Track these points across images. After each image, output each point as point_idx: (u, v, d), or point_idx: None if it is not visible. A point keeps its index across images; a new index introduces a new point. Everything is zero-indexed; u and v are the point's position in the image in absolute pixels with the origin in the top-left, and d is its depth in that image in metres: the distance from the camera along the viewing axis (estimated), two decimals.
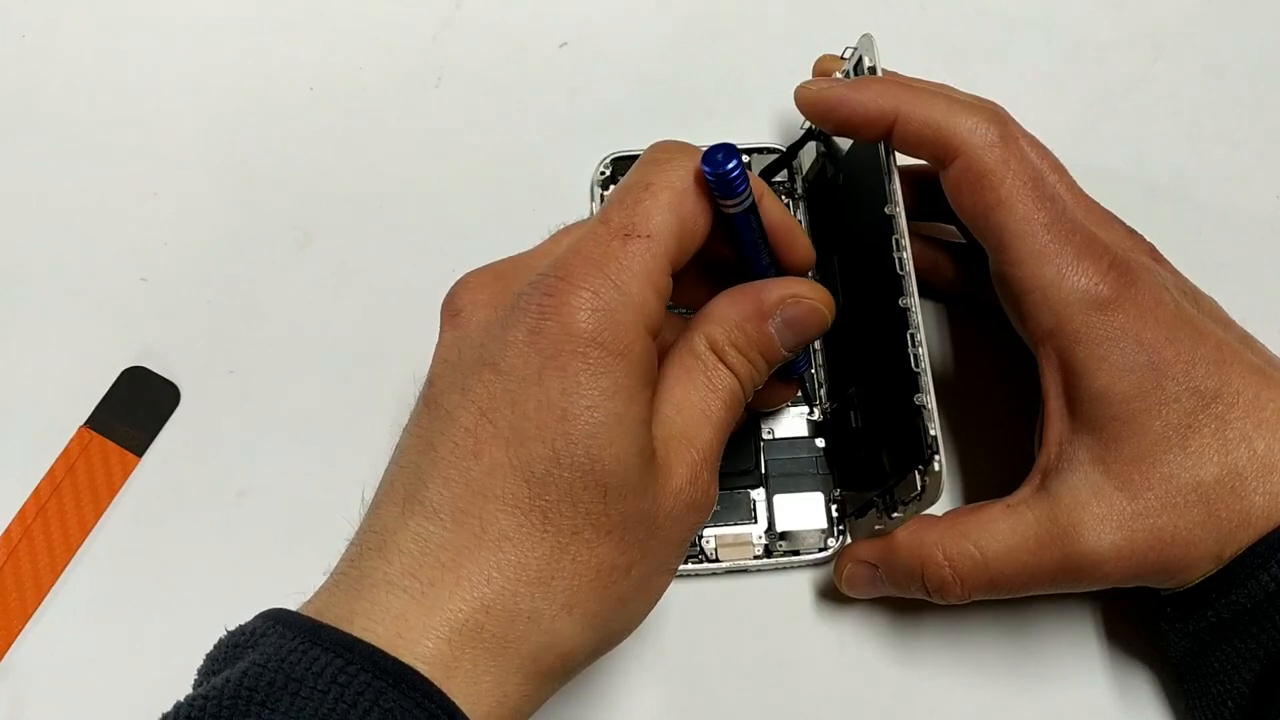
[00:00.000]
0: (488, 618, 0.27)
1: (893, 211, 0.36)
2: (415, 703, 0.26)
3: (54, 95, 0.47)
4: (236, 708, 0.26)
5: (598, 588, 0.29)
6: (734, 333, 0.31)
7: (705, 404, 0.31)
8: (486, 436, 0.28)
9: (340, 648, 0.26)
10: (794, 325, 0.32)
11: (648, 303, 0.29)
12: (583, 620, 0.29)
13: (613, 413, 0.28)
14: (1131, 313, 0.34)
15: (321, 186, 0.46)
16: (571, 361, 0.28)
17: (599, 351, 0.28)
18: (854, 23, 0.40)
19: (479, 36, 0.49)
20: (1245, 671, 0.34)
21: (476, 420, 0.28)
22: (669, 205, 0.29)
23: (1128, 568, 0.33)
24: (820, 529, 0.40)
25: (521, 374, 0.28)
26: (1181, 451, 0.33)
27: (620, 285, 0.28)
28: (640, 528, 0.29)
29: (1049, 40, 0.49)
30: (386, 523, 0.29)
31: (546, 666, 0.29)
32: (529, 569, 0.28)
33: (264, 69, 0.48)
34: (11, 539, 0.40)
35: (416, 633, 0.27)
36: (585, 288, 0.28)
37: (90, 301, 0.44)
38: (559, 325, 0.28)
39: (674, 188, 0.30)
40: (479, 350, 0.29)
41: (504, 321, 0.29)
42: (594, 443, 0.28)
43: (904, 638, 0.40)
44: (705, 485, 0.30)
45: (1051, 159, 0.36)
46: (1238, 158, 0.47)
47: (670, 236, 0.29)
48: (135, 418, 0.42)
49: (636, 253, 0.29)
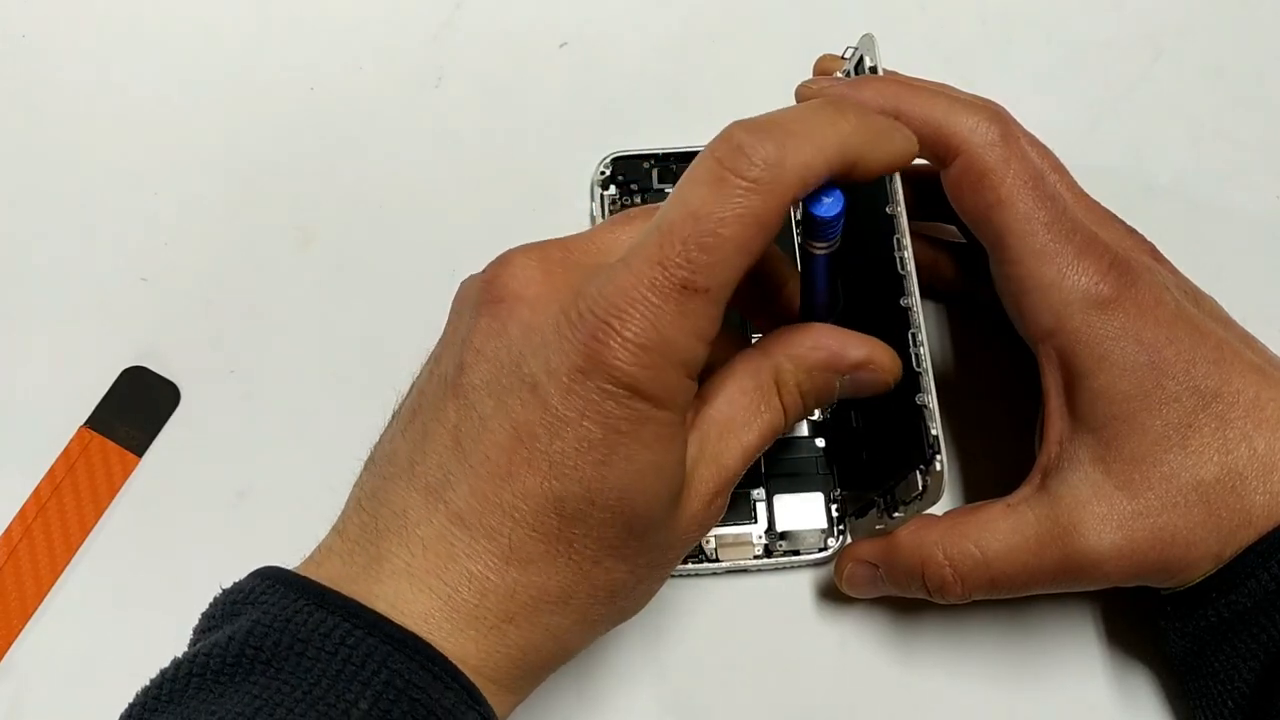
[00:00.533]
0: (510, 626, 0.28)
1: (894, 211, 0.36)
2: (422, 665, 0.26)
3: (54, 96, 0.47)
4: (240, 665, 0.26)
5: (607, 602, 0.30)
6: (802, 375, 0.31)
7: (747, 432, 0.31)
8: (521, 461, 0.28)
9: (347, 613, 0.27)
10: (858, 386, 0.32)
11: (696, 355, 0.28)
12: (590, 628, 0.31)
13: (651, 462, 0.28)
14: (1132, 312, 0.34)
15: (321, 186, 0.46)
16: (616, 409, 0.27)
17: (643, 403, 0.27)
18: (854, 23, 0.40)
19: (479, 36, 0.49)
20: (1245, 671, 0.34)
21: (512, 441, 0.28)
22: (737, 251, 0.27)
23: (1128, 567, 0.33)
24: (820, 529, 0.40)
25: (562, 410, 0.27)
26: (1182, 451, 0.33)
27: (671, 340, 0.27)
28: (657, 552, 0.30)
29: (1049, 40, 0.49)
30: (408, 508, 0.29)
31: (554, 667, 0.31)
32: (550, 591, 0.29)
33: (264, 69, 0.48)
34: (11, 539, 0.40)
35: (444, 633, 0.28)
36: (635, 340, 0.27)
37: (90, 301, 0.44)
38: (605, 373, 0.27)
39: (745, 224, 0.27)
40: (518, 360, 0.28)
41: (547, 341, 0.28)
42: (629, 490, 0.28)
43: (904, 638, 0.40)
44: (720, 508, 0.31)
45: (1052, 158, 0.36)
46: (1238, 158, 0.47)
47: (730, 286, 0.28)
48: (135, 418, 0.42)
49: (693, 311, 0.27)
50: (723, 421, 0.31)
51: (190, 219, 0.45)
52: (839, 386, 0.32)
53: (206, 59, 0.48)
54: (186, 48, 0.48)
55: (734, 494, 0.39)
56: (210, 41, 0.48)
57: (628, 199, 0.44)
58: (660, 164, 0.44)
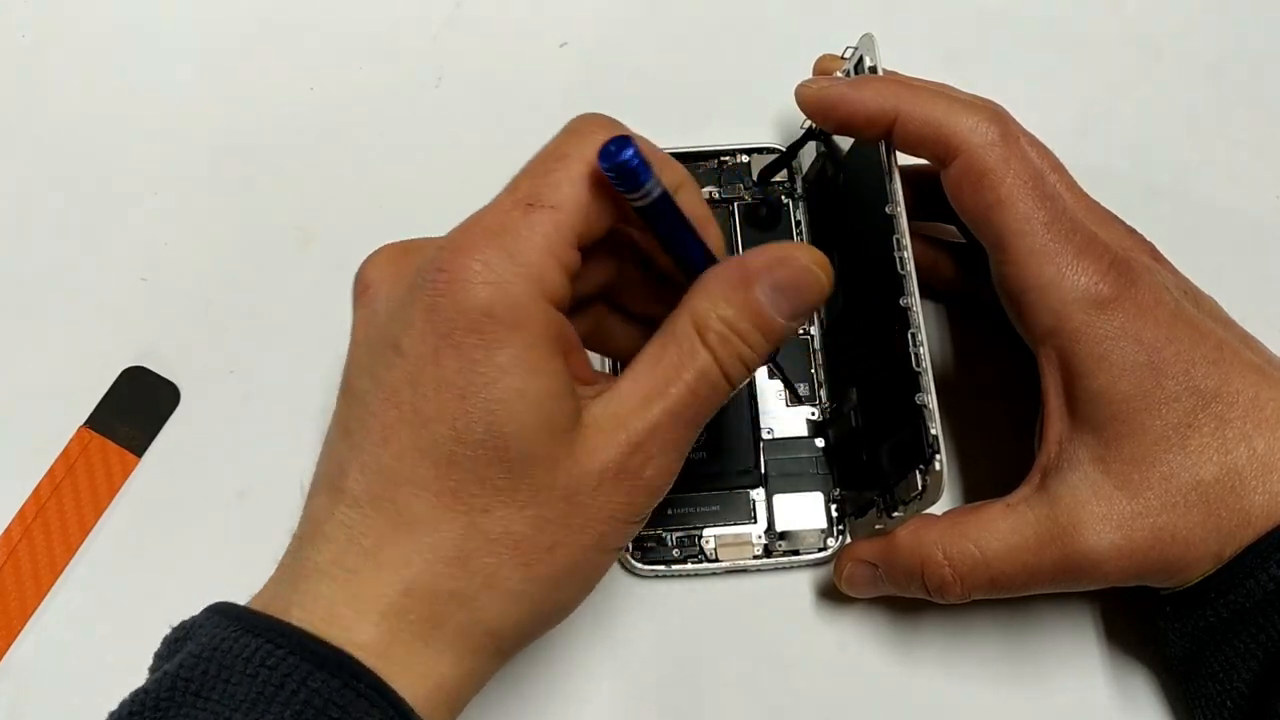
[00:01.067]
0: (411, 600, 0.28)
1: (893, 211, 0.36)
2: (343, 683, 0.26)
3: (54, 95, 0.47)
4: (174, 699, 0.26)
5: (518, 565, 0.28)
6: (720, 305, 0.29)
7: (663, 385, 0.29)
8: (393, 421, 0.28)
9: (272, 633, 0.27)
10: (786, 291, 0.30)
11: (548, 273, 0.28)
12: (506, 598, 0.28)
13: (511, 387, 0.27)
14: (1131, 312, 0.34)
15: (321, 186, 0.46)
16: (467, 338, 0.27)
17: (493, 325, 0.27)
18: (854, 22, 0.40)
19: (479, 36, 0.49)
20: (1245, 671, 0.34)
21: (383, 405, 0.28)
22: (580, 177, 0.28)
23: (1128, 567, 0.33)
24: (820, 529, 0.40)
25: (420, 353, 0.28)
26: (1181, 451, 0.33)
27: (515, 255, 0.27)
28: (557, 503, 0.28)
29: (1049, 40, 0.49)
30: (316, 513, 0.29)
31: (477, 644, 0.28)
32: (444, 549, 0.28)
33: (264, 69, 0.48)
34: (11, 539, 0.40)
35: (347, 620, 0.27)
36: (477, 260, 0.27)
37: (90, 301, 0.44)
38: (451, 301, 0.27)
39: (588, 160, 0.28)
40: (384, 329, 0.29)
41: (405, 298, 0.28)
42: (494, 419, 0.27)
43: (904, 638, 0.40)
44: (639, 468, 0.29)
45: (1051, 158, 0.36)
46: (1238, 158, 0.47)
47: (577, 209, 0.28)
48: (135, 418, 0.42)
49: (537, 223, 0.28)
50: (634, 375, 0.30)
51: (190, 219, 0.45)
52: (767, 303, 0.30)
53: (206, 59, 0.48)
54: (186, 48, 0.48)
55: (734, 494, 0.40)
56: (210, 41, 0.48)
57: None
58: None
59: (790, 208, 0.44)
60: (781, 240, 0.43)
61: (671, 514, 0.40)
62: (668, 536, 0.40)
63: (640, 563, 0.40)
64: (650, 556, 0.40)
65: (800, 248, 0.31)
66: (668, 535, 0.40)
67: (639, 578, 0.40)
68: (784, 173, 0.44)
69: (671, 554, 0.40)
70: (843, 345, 0.41)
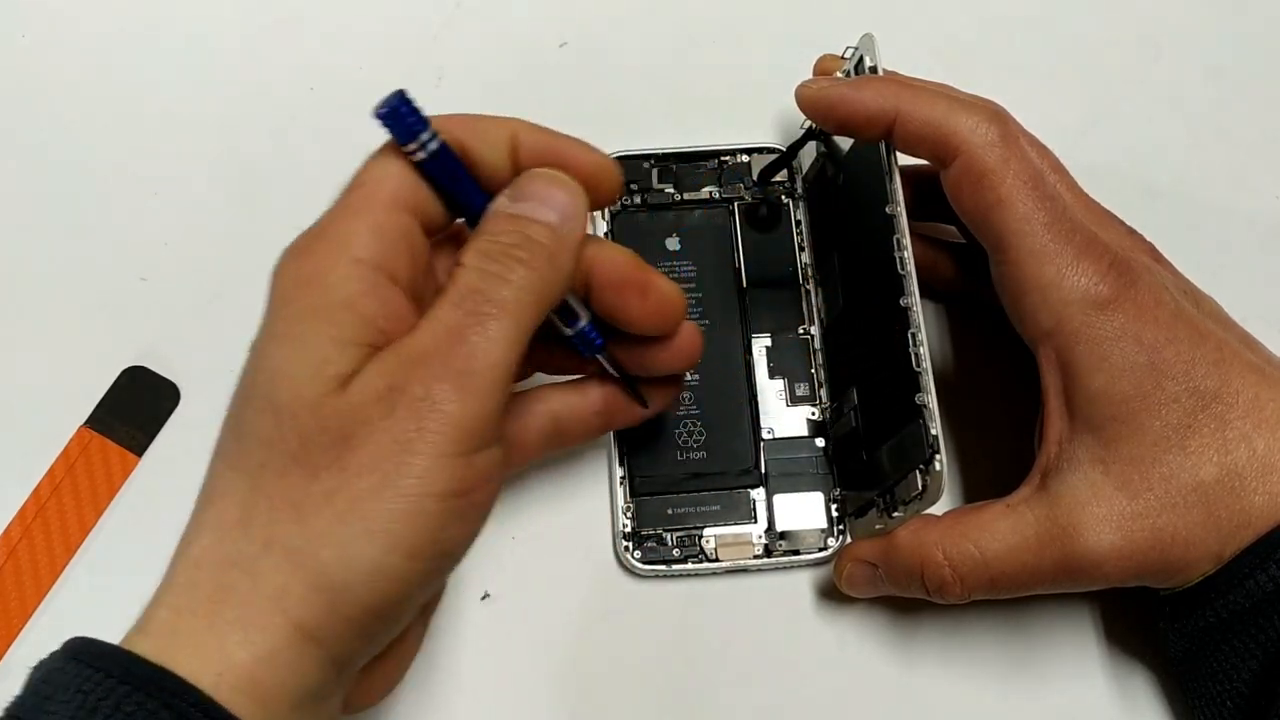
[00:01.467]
0: (200, 572, 0.27)
1: (893, 211, 0.36)
2: (163, 704, 0.25)
3: (53, 95, 0.47)
4: None
5: (295, 520, 0.26)
6: (480, 239, 0.30)
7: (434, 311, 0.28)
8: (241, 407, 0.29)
9: (91, 655, 0.26)
10: (540, 199, 0.30)
11: (365, 245, 0.29)
12: (288, 558, 0.26)
13: (287, 336, 0.28)
14: (1131, 312, 0.34)
15: (321, 186, 0.46)
16: (277, 296, 0.29)
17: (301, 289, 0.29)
18: (854, 23, 0.40)
19: (479, 36, 0.49)
20: (1244, 671, 0.34)
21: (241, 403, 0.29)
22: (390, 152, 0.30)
23: (1127, 567, 0.33)
24: (820, 529, 0.40)
25: (262, 327, 0.29)
26: (1181, 451, 0.33)
27: (338, 231, 0.29)
28: (329, 448, 0.27)
29: (1049, 40, 0.49)
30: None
31: (266, 621, 0.26)
32: (228, 514, 0.27)
33: (264, 69, 0.48)
34: (11, 539, 0.40)
35: (148, 613, 0.27)
36: (309, 234, 0.30)
37: (90, 301, 0.44)
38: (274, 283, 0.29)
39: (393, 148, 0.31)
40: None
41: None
42: (267, 375, 0.28)
43: (904, 638, 0.40)
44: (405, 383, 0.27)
45: (1051, 158, 0.36)
46: (1238, 158, 0.47)
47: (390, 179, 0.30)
48: (135, 418, 0.42)
49: (358, 205, 0.30)
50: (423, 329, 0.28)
51: (190, 219, 0.45)
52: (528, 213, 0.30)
53: (206, 59, 0.48)
54: (186, 48, 0.48)
55: (734, 494, 0.40)
56: (210, 41, 0.48)
57: (628, 198, 0.44)
58: (660, 164, 0.44)
59: (790, 208, 0.44)
60: (777, 240, 0.44)
61: (671, 514, 0.40)
62: (668, 536, 0.40)
63: (640, 563, 0.40)
64: (650, 556, 0.40)
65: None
66: (668, 535, 0.40)
67: (639, 578, 0.40)
68: (784, 173, 0.44)
69: (671, 554, 0.40)
70: (843, 345, 0.41)
